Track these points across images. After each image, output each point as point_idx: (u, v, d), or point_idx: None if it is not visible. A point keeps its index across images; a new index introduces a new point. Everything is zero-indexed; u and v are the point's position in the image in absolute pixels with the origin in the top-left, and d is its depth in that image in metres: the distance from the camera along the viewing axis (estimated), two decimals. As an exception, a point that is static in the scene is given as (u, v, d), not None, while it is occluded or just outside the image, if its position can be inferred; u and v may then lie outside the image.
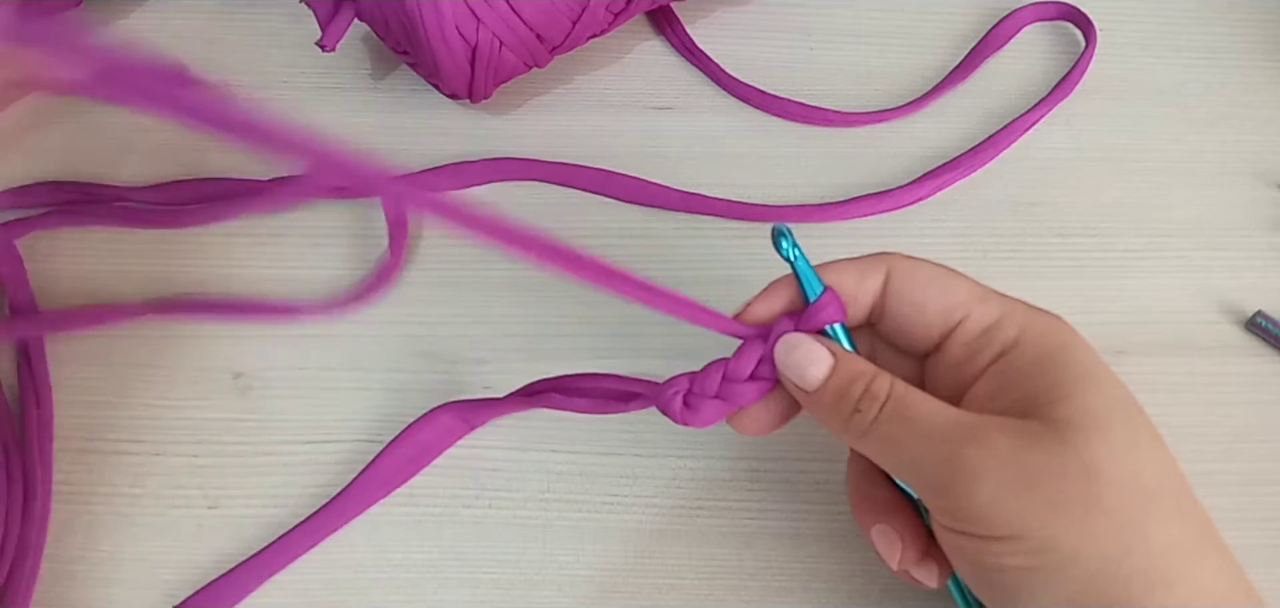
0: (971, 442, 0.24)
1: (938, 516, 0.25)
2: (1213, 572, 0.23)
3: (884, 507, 0.27)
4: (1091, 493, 0.22)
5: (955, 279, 0.27)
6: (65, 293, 0.35)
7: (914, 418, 0.25)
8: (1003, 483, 0.23)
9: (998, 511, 0.23)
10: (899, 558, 0.26)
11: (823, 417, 0.26)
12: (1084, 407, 0.24)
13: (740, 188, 0.37)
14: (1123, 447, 0.23)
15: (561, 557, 0.31)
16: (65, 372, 0.34)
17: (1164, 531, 0.23)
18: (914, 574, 0.27)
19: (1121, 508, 0.22)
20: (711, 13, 0.42)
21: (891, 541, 0.26)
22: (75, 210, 0.37)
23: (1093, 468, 0.23)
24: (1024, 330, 0.26)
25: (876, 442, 0.25)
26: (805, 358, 0.26)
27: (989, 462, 0.23)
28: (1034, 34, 0.42)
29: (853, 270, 0.27)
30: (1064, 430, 0.23)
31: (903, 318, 0.27)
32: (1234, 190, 0.38)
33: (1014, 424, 0.24)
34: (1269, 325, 0.34)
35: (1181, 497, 0.24)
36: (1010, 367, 0.25)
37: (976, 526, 0.23)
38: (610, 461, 0.32)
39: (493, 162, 0.38)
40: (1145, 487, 0.23)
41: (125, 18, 0.41)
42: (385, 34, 0.37)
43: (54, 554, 0.31)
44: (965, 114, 0.40)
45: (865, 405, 0.25)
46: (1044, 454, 0.23)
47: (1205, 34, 0.42)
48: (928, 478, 0.25)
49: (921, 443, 0.24)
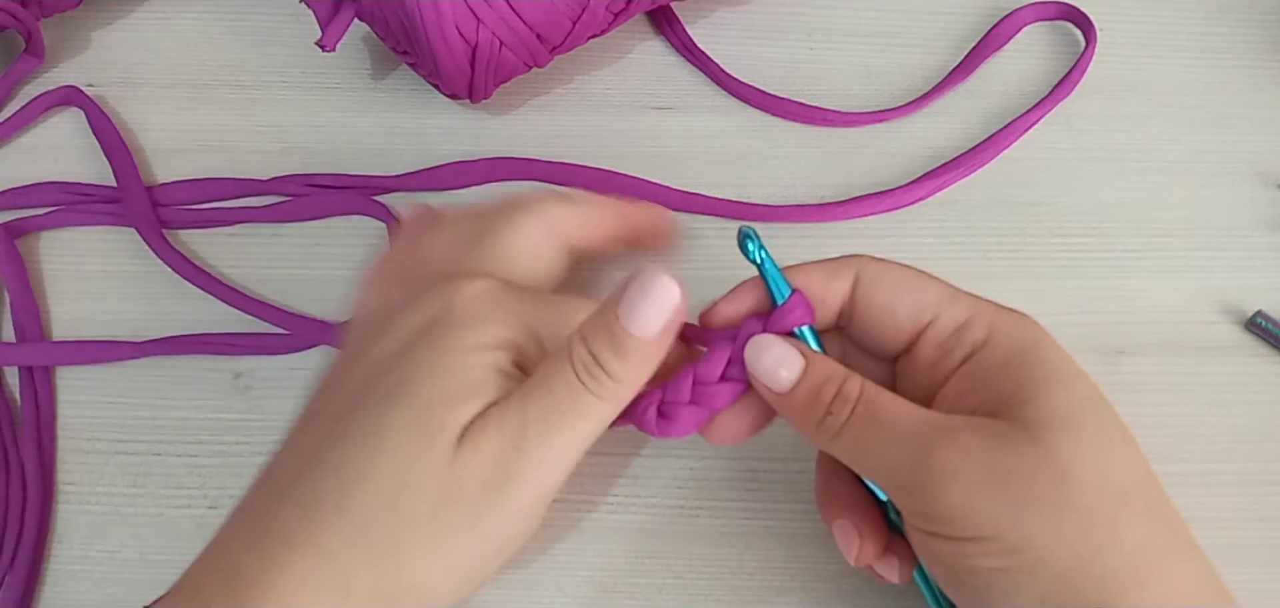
0: (942, 443, 0.24)
1: (909, 517, 0.25)
2: (1184, 571, 0.23)
3: (846, 502, 0.27)
4: (1062, 493, 0.23)
5: (925, 280, 0.27)
6: (65, 293, 0.35)
7: (884, 420, 0.25)
8: (973, 484, 0.23)
9: (968, 512, 0.23)
10: (857, 553, 0.26)
11: (794, 419, 0.26)
12: (1053, 407, 0.24)
13: (740, 188, 0.37)
14: (1093, 447, 0.23)
15: (561, 557, 0.31)
16: (66, 372, 0.34)
17: (1135, 530, 0.23)
18: (877, 569, 0.27)
19: (1092, 508, 0.23)
20: (711, 13, 0.42)
21: (850, 535, 0.26)
22: (75, 210, 0.37)
23: (1063, 468, 0.23)
24: (993, 330, 0.26)
25: (847, 444, 0.25)
26: (776, 360, 0.26)
27: (960, 462, 0.23)
28: (1034, 34, 0.42)
29: (820, 273, 0.27)
30: (1034, 430, 0.23)
31: (872, 320, 0.27)
32: (1234, 190, 0.38)
33: (984, 424, 0.24)
34: (1269, 325, 0.34)
35: (1152, 497, 0.24)
36: (980, 367, 0.26)
37: (948, 527, 0.24)
38: (610, 461, 0.32)
39: (493, 161, 0.38)
40: (1116, 487, 0.23)
41: (125, 17, 0.41)
42: (385, 34, 0.37)
43: (54, 554, 0.31)
44: (965, 114, 0.40)
45: (836, 408, 0.25)
46: (1014, 455, 0.23)
47: (1205, 34, 0.42)
48: (898, 480, 0.25)
49: (892, 445, 0.24)
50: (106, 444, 0.33)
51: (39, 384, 0.33)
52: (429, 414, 0.24)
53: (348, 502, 0.24)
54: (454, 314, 0.26)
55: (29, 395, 0.33)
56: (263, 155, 0.38)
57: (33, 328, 0.34)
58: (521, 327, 0.26)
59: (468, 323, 0.26)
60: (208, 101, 0.39)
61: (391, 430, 0.24)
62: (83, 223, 0.37)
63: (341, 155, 0.38)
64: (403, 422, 0.24)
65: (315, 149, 0.38)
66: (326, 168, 0.38)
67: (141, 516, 0.32)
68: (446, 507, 0.24)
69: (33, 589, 0.30)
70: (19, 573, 0.30)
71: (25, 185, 0.37)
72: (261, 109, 0.39)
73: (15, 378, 0.34)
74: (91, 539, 0.31)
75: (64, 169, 0.38)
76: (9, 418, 0.33)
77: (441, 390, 0.24)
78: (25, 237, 0.36)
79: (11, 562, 0.30)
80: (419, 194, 0.37)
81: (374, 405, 0.25)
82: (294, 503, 0.24)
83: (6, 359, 0.34)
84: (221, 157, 0.38)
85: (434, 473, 0.24)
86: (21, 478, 0.32)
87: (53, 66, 0.40)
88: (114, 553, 0.31)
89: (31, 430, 0.32)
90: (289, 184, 0.37)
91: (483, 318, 0.26)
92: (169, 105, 0.39)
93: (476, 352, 0.25)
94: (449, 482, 0.24)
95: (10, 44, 0.41)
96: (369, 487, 0.24)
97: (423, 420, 0.24)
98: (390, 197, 0.37)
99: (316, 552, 0.23)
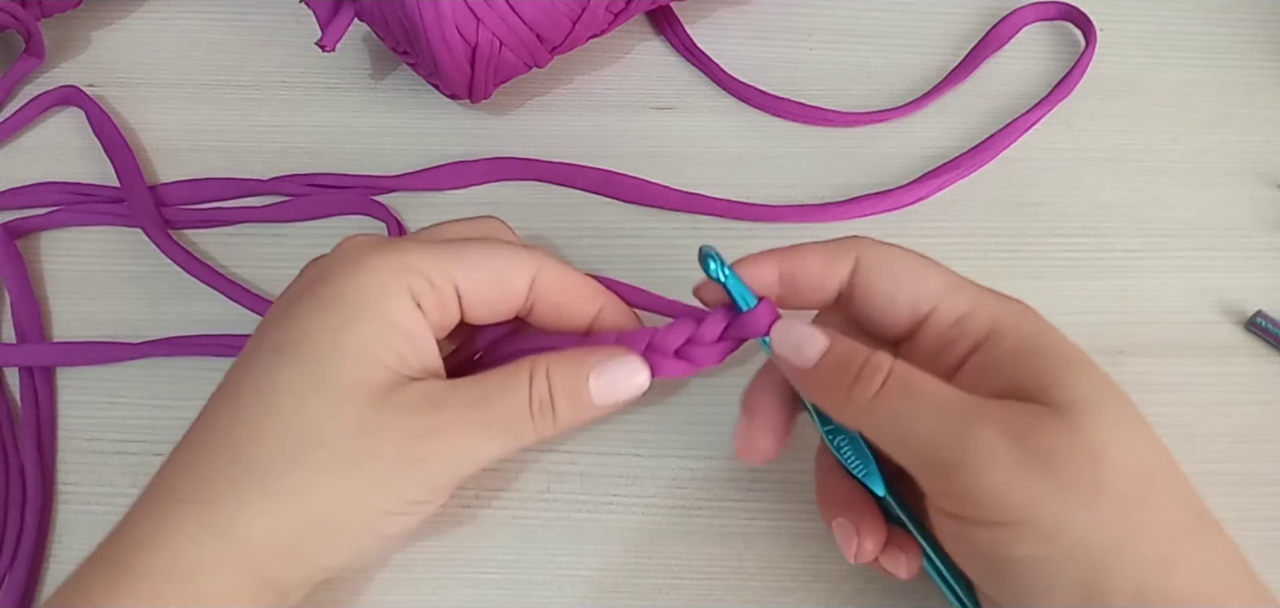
0: (982, 421, 0.23)
1: (938, 500, 0.25)
2: (1210, 549, 0.23)
3: (845, 501, 0.27)
4: (1097, 476, 0.22)
5: (926, 269, 0.27)
6: (66, 293, 0.35)
7: (920, 393, 0.24)
8: (1013, 464, 0.22)
9: (1007, 493, 0.22)
10: (856, 549, 0.26)
11: (822, 390, 0.26)
12: (1077, 390, 0.23)
13: (740, 188, 0.37)
14: (1121, 427, 0.23)
15: (561, 557, 0.31)
16: (66, 371, 0.34)
17: (1163, 513, 0.23)
18: (884, 565, 0.27)
19: (1126, 490, 0.22)
20: (711, 13, 0.42)
21: (849, 533, 0.26)
22: (76, 210, 0.37)
23: (1097, 450, 0.23)
24: (996, 321, 0.26)
25: (880, 417, 0.25)
26: (801, 337, 0.26)
27: (1000, 443, 0.23)
28: (1034, 34, 0.42)
29: (820, 255, 0.27)
30: (1065, 414, 0.23)
31: (871, 306, 0.27)
32: (1234, 190, 0.38)
33: (1016, 407, 0.24)
34: (1269, 325, 0.34)
35: (1175, 477, 0.24)
36: (989, 358, 0.25)
37: (981, 509, 0.23)
38: (610, 461, 0.32)
39: (493, 161, 0.38)
40: (1143, 469, 0.23)
41: (125, 17, 0.41)
42: (385, 34, 0.37)
43: (54, 554, 0.31)
44: (965, 114, 0.40)
45: (867, 374, 0.25)
46: (1051, 437, 0.23)
47: (1205, 34, 0.42)
48: (933, 456, 0.24)
49: (927, 420, 0.24)
50: (106, 444, 0.33)
51: (39, 384, 0.33)
52: (331, 372, 0.24)
53: (242, 453, 0.24)
54: (333, 263, 0.26)
55: (29, 395, 0.33)
56: (263, 155, 0.38)
57: (33, 328, 0.34)
58: (405, 267, 0.26)
59: (345, 268, 0.26)
60: (208, 101, 0.39)
61: (287, 385, 0.24)
62: (84, 223, 0.37)
63: (341, 155, 0.38)
64: (298, 377, 0.24)
65: (315, 149, 0.38)
66: (326, 168, 0.38)
67: (141, 516, 0.32)
68: (360, 462, 0.24)
69: (33, 589, 0.30)
70: (19, 573, 0.30)
71: (25, 185, 0.37)
72: (261, 109, 0.39)
73: (15, 378, 0.34)
74: (91, 539, 0.31)
75: (64, 169, 0.38)
76: (9, 418, 0.33)
77: (342, 348, 0.25)
78: (25, 237, 0.36)
79: (11, 562, 0.30)
80: (419, 194, 0.37)
81: (262, 360, 0.25)
82: (184, 463, 0.25)
83: (6, 360, 0.34)
84: (221, 157, 0.38)
85: (346, 430, 0.24)
86: (21, 478, 0.32)
87: (53, 66, 0.40)
88: (114, 553, 0.31)
89: (31, 430, 0.32)
90: (289, 184, 0.37)
91: (360, 263, 0.26)
92: (169, 105, 0.39)
93: (363, 306, 0.25)
94: (364, 440, 0.24)
95: (10, 44, 0.41)
96: (269, 440, 0.24)
97: (323, 377, 0.24)
98: (390, 197, 0.37)
99: (206, 503, 0.24)
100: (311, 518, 0.24)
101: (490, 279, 0.27)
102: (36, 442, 0.32)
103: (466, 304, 0.27)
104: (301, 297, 0.26)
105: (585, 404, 0.26)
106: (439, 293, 0.26)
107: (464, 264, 0.26)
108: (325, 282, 0.26)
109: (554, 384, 0.26)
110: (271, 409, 0.24)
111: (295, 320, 0.25)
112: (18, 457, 0.32)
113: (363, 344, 0.25)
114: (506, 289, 0.27)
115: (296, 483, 0.24)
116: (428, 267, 0.26)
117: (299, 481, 0.24)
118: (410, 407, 0.25)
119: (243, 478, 0.24)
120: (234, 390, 0.25)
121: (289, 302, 0.26)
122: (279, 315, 0.26)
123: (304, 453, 0.24)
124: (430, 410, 0.25)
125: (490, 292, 0.27)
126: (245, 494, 0.24)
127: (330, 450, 0.24)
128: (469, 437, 0.26)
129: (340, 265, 0.26)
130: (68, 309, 0.35)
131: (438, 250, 0.26)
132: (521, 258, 0.27)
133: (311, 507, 0.24)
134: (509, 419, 0.26)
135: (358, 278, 0.25)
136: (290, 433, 0.24)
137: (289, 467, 0.24)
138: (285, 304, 0.26)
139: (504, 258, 0.27)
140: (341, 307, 0.25)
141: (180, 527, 0.24)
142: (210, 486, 0.24)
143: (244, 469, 0.24)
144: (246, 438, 0.24)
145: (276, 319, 0.26)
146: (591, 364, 0.26)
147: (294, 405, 0.24)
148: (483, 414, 0.26)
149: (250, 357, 0.26)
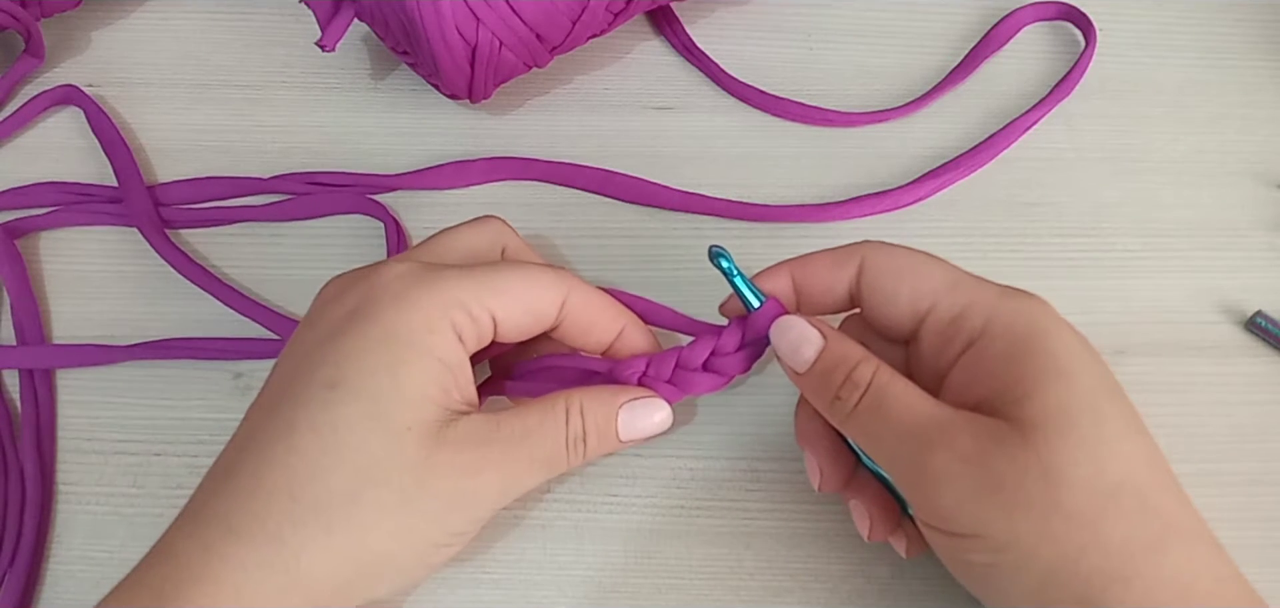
0: (938, 446, 0.24)
1: (910, 503, 0.27)
2: (1174, 566, 0.23)
3: (819, 435, 0.29)
4: (1051, 496, 0.23)
5: (928, 267, 0.27)
6: (65, 293, 0.35)
7: (888, 414, 0.25)
8: (964, 489, 0.24)
9: (959, 514, 0.24)
10: (870, 531, 0.28)
11: (812, 398, 0.28)
12: (1048, 405, 0.24)
13: (740, 188, 0.37)
14: (1086, 446, 0.23)
15: (561, 557, 0.31)
16: (66, 371, 0.34)
17: (1120, 529, 0.23)
18: (891, 542, 0.29)
19: (1079, 509, 0.23)
20: (711, 13, 0.42)
21: (862, 515, 0.28)
22: (75, 210, 0.37)
23: (1054, 470, 0.23)
24: (991, 320, 0.26)
25: (856, 431, 0.26)
26: (799, 339, 0.27)
27: (953, 467, 0.24)
28: (1034, 34, 0.42)
29: (827, 261, 0.28)
30: (1028, 432, 0.24)
31: (875, 307, 0.28)
32: (1234, 190, 0.38)
33: (981, 426, 0.24)
34: (1269, 325, 0.34)
35: (1147, 492, 0.24)
36: (979, 359, 0.26)
37: (940, 521, 0.25)
38: (610, 460, 0.32)
39: (493, 161, 0.38)
40: (1108, 485, 0.23)
41: (125, 17, 0.41)
42: (385, 34, 0.37)
43: (54, 554, 0.31)
44: (965, 114, 0.40)
45: (845, 392, 0.26)
46: (1006, 459, 0.23)
47: (1205, 34, 0.42)
48: (899, 475, 0.26)
49: (892, 441, 0.25)
50: (106, 444, 0.33)
51: (39, 384, 0.33)
52: (389, 411, 0.25)
53: (303, 491, 0.24)
54: (376, 297, 0.26)
55: (29, 396, 0.33)
56: (263, 155, 0.38)
57: (33, 328, 0.34)
58: (448, 302, 0.26)
59: (390, 304, 0.26)
60: (208, 101, 0.39)
61: (346, 425, 0.25)
62: (83, 223, 0.37)
63: (341, 155, 0.38)
64: (358, 416, 0.25)
65: (315, 149, 0.38)
66: (326, 168, 0.38)
67: (141, 516, 0.32)
68: (416, 500, 0.25)
69: (33, 589, 0.30)
70: (19, 573, 0.30)
71: (25, 185, 0.37)
72: (261, 109, 0.39)
73: (15, 378, 0.34)
74: (91, 539, 0.31)
75: (64, 169, 0.38)
76: (8, 418, 0.33)
77: (398, 387, 0.25)
78: (25, 237, 0.36)
79: (11, 562, 0.30)
80: (418, 194, 0.37)
81: (315, 396, 0.25)
82: (235, 497, 0.24)
83: (6, 362, 0.34)
84: (221, 156, 0.38)
85: (406, 469, 0.25)
86: (21, 478, 0.32)
87: (53, 66, 0.40)
88: (114, 553, 0.31)
89: (31, 431, 0.32)
90: (289, 183, 0.37)
91: (404, 299, 0.26)
92: (169, 105, 0.39)
93: (413, 344, 0.26)
94: (421, 478, 0.25)
95: (10, 44, 0.41)
96: (331, 479, 0.24)
97: (382, 416, 0.25)
98: (389, 196, 0.37)
99: (267, 540, 0.24)
100: (372, 555, 0.25)
101: (525, 308, 0.27)
102: (36, 442, 0.32)
103: (501, 330, 0.27)
104: (347, 331, 0.26)
105: (611, 439, 0.28)
106: (478, 324, 0.27)
107: (502, 296, 0.27)
108: (372, 319, 0.26)
109: (587, 421, 0.27)
110: (330, 449, 0.24)
111: (348, 358, 0.25)
112: (17, 457, 0.32)
113: (416, 384, 0.25)
114: (539, 314, 0.28)
115: (360, 521, 0.24)
116: (468, 298, 0.26)
117: (362, 519, 0.24)
118: (461, 444, 0.26)
119: (306, 516, 0.24)
120: (287, 427, 0.25)
121: (333, 335, 0.26)
122: (326, 350, 0.26)
123: (366, 491, 0.24)
124: (479, 447, 0.26)
125: (524, 319, 0.28)
126: (308, 532, 0.24)
127: (391, 490, 0.25)
128: (514, 471, 0.27)
129: (384, 302, 0.26)
130: (67, 310, 0.35)
131: (476, 281, 0.27)
132: (553, 283, 0.28)
133: (373, 544, 0.25)
134: (550, 454, 0.27)
135: (406, 314, 0.26)
136: (352, 472, 0.24)
137: (353, 505, 0.24)
138: (329, 337, 0.26)
139: (539, 285, 0.28)
140: (393, 345, 0.25)
141: (239, 563, 0.24)
142: (270, 522, 0.24)
143: (306, 508, 0.24)
144: (307, 476, 0.24)
145: (323, 355, 0.26)
146: (620, 402, 0.28)
147: (356, 444, 0.25)
148: (527, 450, 0.27)
149: (299, 392, 0.25)
